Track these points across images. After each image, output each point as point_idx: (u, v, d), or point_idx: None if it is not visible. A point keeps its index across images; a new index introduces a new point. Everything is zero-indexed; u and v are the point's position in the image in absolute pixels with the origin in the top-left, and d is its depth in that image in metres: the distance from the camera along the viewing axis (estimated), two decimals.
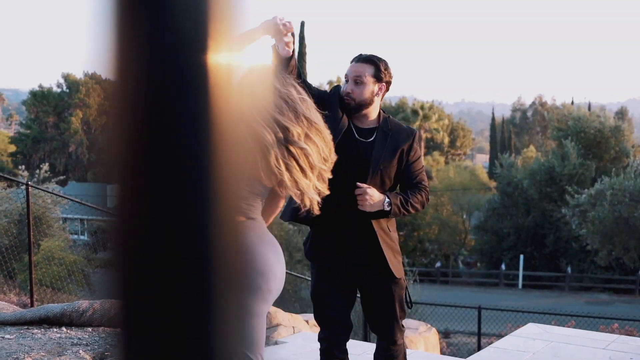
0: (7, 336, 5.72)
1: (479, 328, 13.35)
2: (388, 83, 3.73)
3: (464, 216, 44.94)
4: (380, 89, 3.70)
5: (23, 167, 24.03)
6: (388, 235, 3.76)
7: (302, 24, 53.53)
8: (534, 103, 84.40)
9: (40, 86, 67.18)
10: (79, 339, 5.70)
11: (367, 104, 3.68)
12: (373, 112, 3.75)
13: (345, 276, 3.83)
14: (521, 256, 35.41)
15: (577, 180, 33.28)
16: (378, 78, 3.67)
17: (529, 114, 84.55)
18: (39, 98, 65.56)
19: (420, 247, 44.09)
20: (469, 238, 44.20)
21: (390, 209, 3.60)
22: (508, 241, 36.20)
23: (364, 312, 4.01)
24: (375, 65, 3.67)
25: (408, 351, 6.52)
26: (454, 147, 77.94)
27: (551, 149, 38.45)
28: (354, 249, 3.75)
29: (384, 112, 3.81)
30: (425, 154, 64.00)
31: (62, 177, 25.62)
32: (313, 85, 3.75)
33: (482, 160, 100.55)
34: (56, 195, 13.48)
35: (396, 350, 3.92)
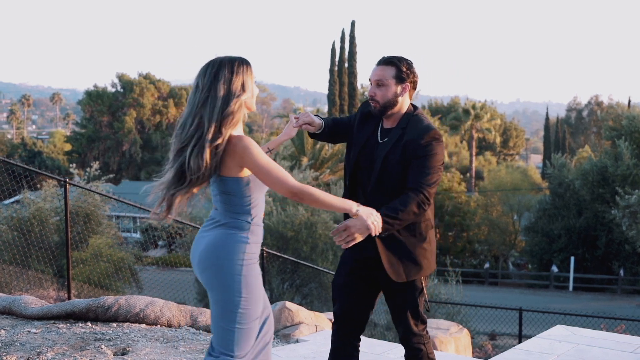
0: (33, 330, 5.85)
1: (520, 330, 13.22)
2: (413, 82, 3.79)
3: (515, 217, 44.37)
4: (404, 89, 3.76)
5: (74, 165, 24.47)
6: (393, 237, 3.69)
7: (353, 24, 53.49)
8: (589, 103, 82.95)
9: (95, 86, 68.28)
10: (103, 334, 5.79)
11: (392, 105, 3.76)
12: (399, 112, 3.80)
13: (358, 272, 3.87)
14: (572, 258, 34.82)
15: (630, 181, 32.53)
16: (400, 79, 3.74)
17: (585, 113, 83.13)
18: (94, 98, 66.62)
19: (470, 248, 43.71)
20: (519, 239, 43.64)
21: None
22: (559, 243, 35.60)
23: None
24: (396, 67, 3.74)
25: (437, 353, 6.47)
26: (506, 147, 77.04)
27: (604, 149, 37.71)
28: (360, 246, 3.76)
29: (415, 109, 3.84)
30: (477, 154, 63.40)
31: (111, 176, 25.95)
32: (341, 118, 4.11)
33: (537, 160, 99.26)
34: (93, 192, 13.71)
35: (413, 355, 3.88)
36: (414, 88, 3.81)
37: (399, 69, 3.73)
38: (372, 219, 3.23)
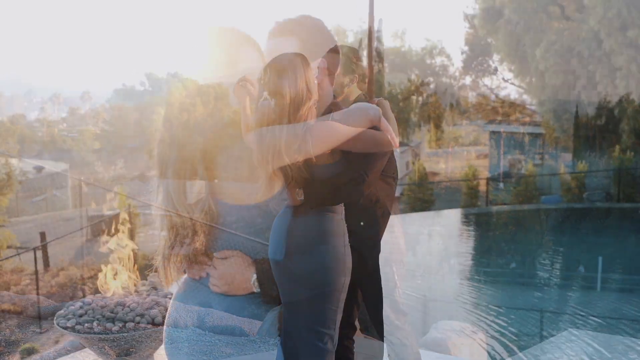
0: (38, 329, 5.88)
1: (541, 331, 13.10)
2: (362, 75, 3.70)
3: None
4: (352, 80, 3.63)
5: (99, 163, 24.67)
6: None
7: (380, 22, 53.38)
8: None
9: (124, 84, 68.84)
10: (107, 334, 5.78)
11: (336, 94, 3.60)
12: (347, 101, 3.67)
13: None
14: (600, 257, 34.45)
15: None
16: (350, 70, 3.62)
17: (616, 112, 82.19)
18: (122, 96, 67.14)
19: (495, 247, 43.32)
20: (546, 237, 43.23)
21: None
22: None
23: None
24: (346, 57, 3.59)
25: (449, 357, 6.41)
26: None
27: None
28: None
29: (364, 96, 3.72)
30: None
31: (136, 174, 26.16)
32: None
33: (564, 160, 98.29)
34: (108, 190, 13.83)
35: (399, 351, 3.77)
36: (363, 80, 3.72)
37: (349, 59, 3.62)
38: None
